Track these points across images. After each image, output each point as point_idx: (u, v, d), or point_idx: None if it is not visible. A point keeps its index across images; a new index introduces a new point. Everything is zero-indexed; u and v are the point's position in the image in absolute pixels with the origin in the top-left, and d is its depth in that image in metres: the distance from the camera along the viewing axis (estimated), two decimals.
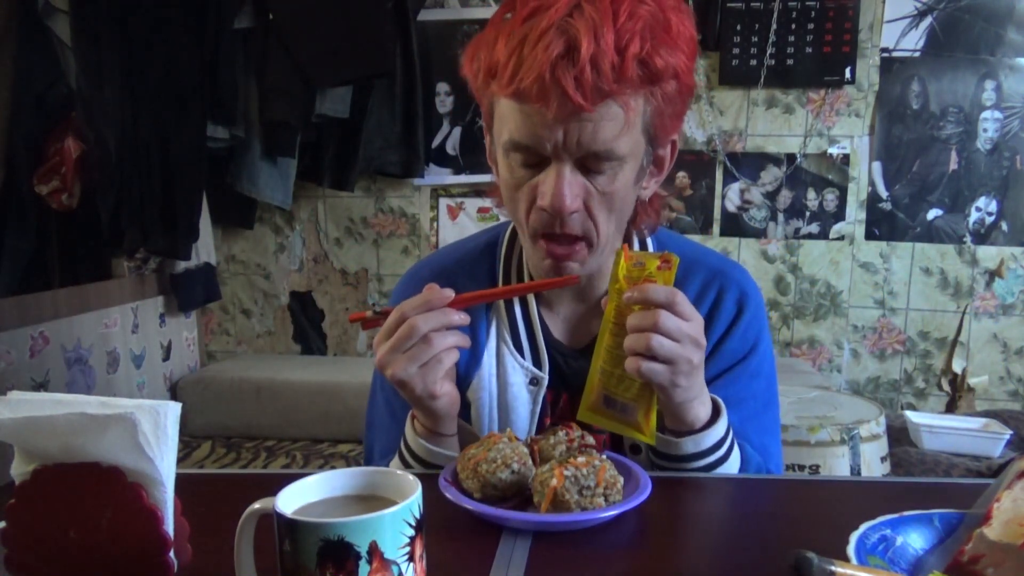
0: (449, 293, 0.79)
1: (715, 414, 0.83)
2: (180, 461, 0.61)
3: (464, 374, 0.95)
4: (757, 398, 0.94)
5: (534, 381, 0.94)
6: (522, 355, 0.94)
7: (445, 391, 0.81)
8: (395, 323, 0.78)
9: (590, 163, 0.79)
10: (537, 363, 0.94)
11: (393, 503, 0.50)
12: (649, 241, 0.97)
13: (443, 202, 2.92)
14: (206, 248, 2.83)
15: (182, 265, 2.73)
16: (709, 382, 0.85)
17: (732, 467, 0.85)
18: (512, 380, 0.93)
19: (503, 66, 0.76)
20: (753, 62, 2.68)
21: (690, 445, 0.81)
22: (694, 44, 0.81)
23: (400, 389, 0.80)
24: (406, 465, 0.87)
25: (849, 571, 0.53)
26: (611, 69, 0.73)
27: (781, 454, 0.97)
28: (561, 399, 0.95)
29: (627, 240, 0.95)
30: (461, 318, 0.80)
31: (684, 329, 0.74)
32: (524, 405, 0.94)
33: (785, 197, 2.77)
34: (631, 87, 0.75)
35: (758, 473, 0.89)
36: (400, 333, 0.77)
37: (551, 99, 0.73)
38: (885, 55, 2.66)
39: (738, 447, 0.86)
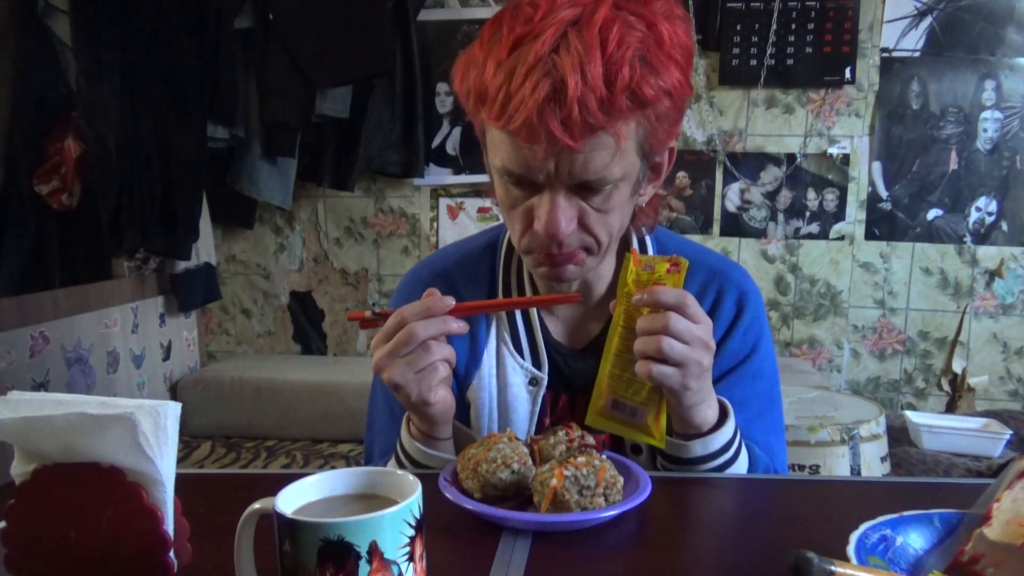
0: (450, 301, 0.79)
1: (723, 416, 0.83)
2: (180, 461, 0.61)
3: (464, 374, 0.95)
4: (760, 398, 0.94)
5: (533, 381, 0.94)
6: (522, 355, 0.94)
7: (439, 398, 0.81)
8: (394, 327, 0.78)
9: (584, 188, 0.79)
10: (536, 363, 0.94)
11: (393, 503, 0.50)
12: (648, 240, 0.97)
13: (443, 202, 2.92)
14: (206, 248, 2.83)
15: (182, 265, 2.73)
16: (712, 383, 0.85)
17: (740, 468, 0.85)
18: (512, 380, 0.94)
19: (492, 99, 0.75)
20: (753, 62, 2.68)
21: (699, 448, 0.81)
22: (689, 51, 0.79)
23: (395, 392, 0.80)
24: (401, 467, 0.88)
25: (849, 571, 0.53)
26: (600, 104, 0.71)
27: (785, 453, 0.97)
28: (561, 399, 0.95)
29: (626, 240, 0.95)
30: (460, 326, 0.79)
31: (695, 332, 0.74)
32: (524, 405, 0.94)
33: (785, 197, 2.77)
34: (621, 117, 0.74)
35: (766, 473, 0.89)
36: (398, 338, 0.77)
37: (540, 140, 0.73)
38: (885, 55, 2.66)
39: (746, 447, 0.87)
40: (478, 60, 0.78)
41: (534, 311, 0.95)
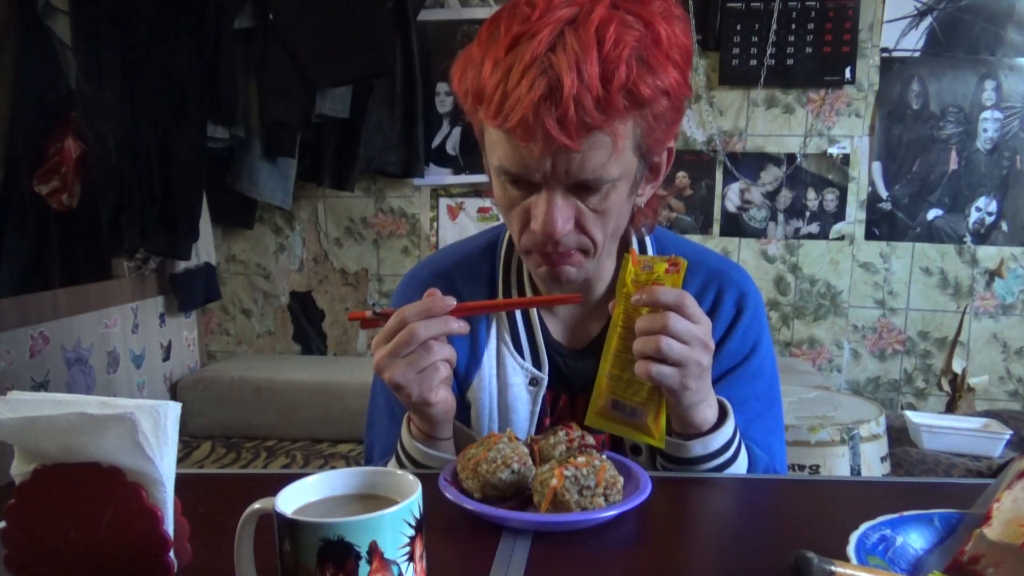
0: (451, 301, 0.78)
1: (722, 416, 0.83)
2: (180, 461, 0.61)
3: (464, 375, 0.95)
4: (760, 399, 0.94)
5: (534, 381, 0.94)
6: (522, 356, 0.94)
7: (440, 398, 0.80)
8: (395, 327, 0.78)
9: (581, 187, 0.79)
10: (537, 364, 0.94)
11: (393, 503, 0.50)
12: (648, 240, 0.96)
13: (443, 202, 2.92)
14: (206, 248, 2.83)
15: (182, 265, 2.73)
16: (712, 384, 0.85)
17: (740, 468, 0.85)
18: (512, 381, 0.94)
19: (489, 98, 0.75)
20: (753, 62, 2.68)
21: (699, 448, 0.81)
22: (688, 52, 0.79)
23: (396, 392, 0.80)
24: (401, 467, 0.88)
25: (849, 571, 0.53)
26: (596, 103, 0.71)
27: (785, 453, 0.97)
28: (560, 400, 0.95)
29: (625, 240, 0.95)
30: (461, 326, 0.79)
31: (693, 331, 0.74)
32: (524, 405, 0.94)
33: (785, 197, 2.77)
34: (618, 117, 0.74)
35: (765, 473, 0.89)
36: (400, 338, 0.77)
37: (536, 138, 0.73)
38: (885, 55, 2.66)
39: (745, 448, 0.87)
40: (476, 59, 0.78)
41: (534, 311, 0.95)
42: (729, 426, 0.82)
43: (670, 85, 0.76)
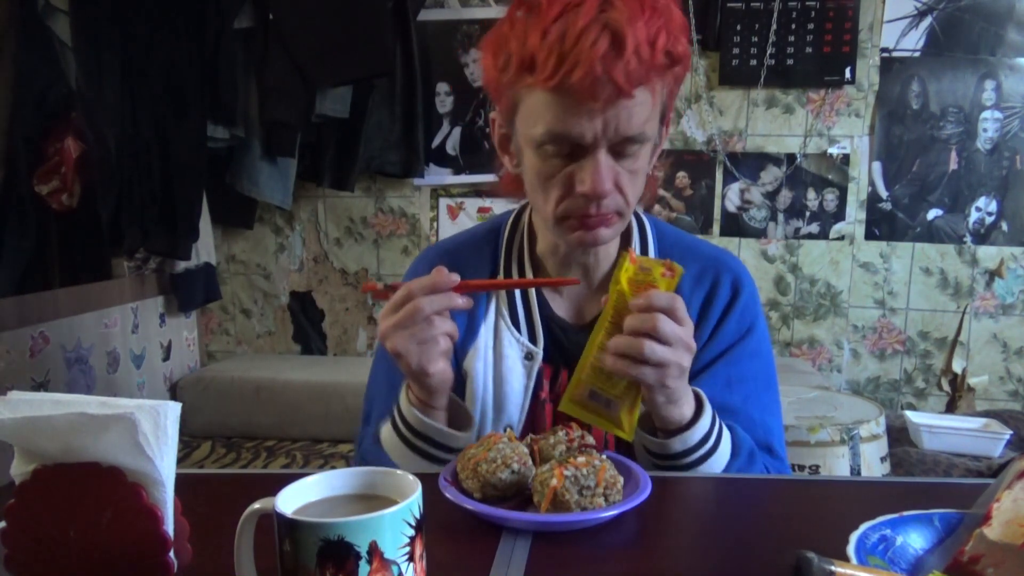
0: (455, 278, 0.82)
1: (699, 410, 0.85)
2: (180, 461, 0.61)
3: (461, 346, 0.98)
4: (758, 378, 0.97)
5: (529, 355, 0.98)
6: (519, 330, 0.98)
7: (438, 369, 0.84)
8: (401, 299, 0.82)
9: (621, 147, 0.83)
10: (532, 338, 0.98)
11: (393, 503, 0.50)
12: (648, 226, 1.01)
13: (443, 202, 2.92)
14: (206, 248, 2.83)
15: (182, 265, 2.73)
16: (710, 364, 0.90)
17: (723, 455, 0.87)
18: (507, 353, 0.97)
19: (543, 61, 0.79)
20: (753, 62, 2.68)
21: (678, 444, 0.83)
22: (687, 25, 0.87)
23: (396, 360, 0.84)
24: (396, 430, 0.90)
25: (849, 571, 0.53)
26: (648, 58, 0.78)
27: (783, 434, 1.00)
28: (561, 374, 0.99)
29: (626, 236, 1.00)
30: (464, 302, 0.83)
31: (679, 333, 0.77)
32: (518, 379, 0.97)
33: (785, 197, 2.77)
34: (659, 74, 0.81)
35: (751, 456, 0.90)
36: (405, 311, 0.81)
37: (599, 91, 0.77)
38: (885, 55, 2.66)
39: (728, 429, 0.88)
40: (518, 32, 0.82)
41: (533, 290, 0.99)
42: (706, 419, 0.84)
43: (686, 53, 0.84)
